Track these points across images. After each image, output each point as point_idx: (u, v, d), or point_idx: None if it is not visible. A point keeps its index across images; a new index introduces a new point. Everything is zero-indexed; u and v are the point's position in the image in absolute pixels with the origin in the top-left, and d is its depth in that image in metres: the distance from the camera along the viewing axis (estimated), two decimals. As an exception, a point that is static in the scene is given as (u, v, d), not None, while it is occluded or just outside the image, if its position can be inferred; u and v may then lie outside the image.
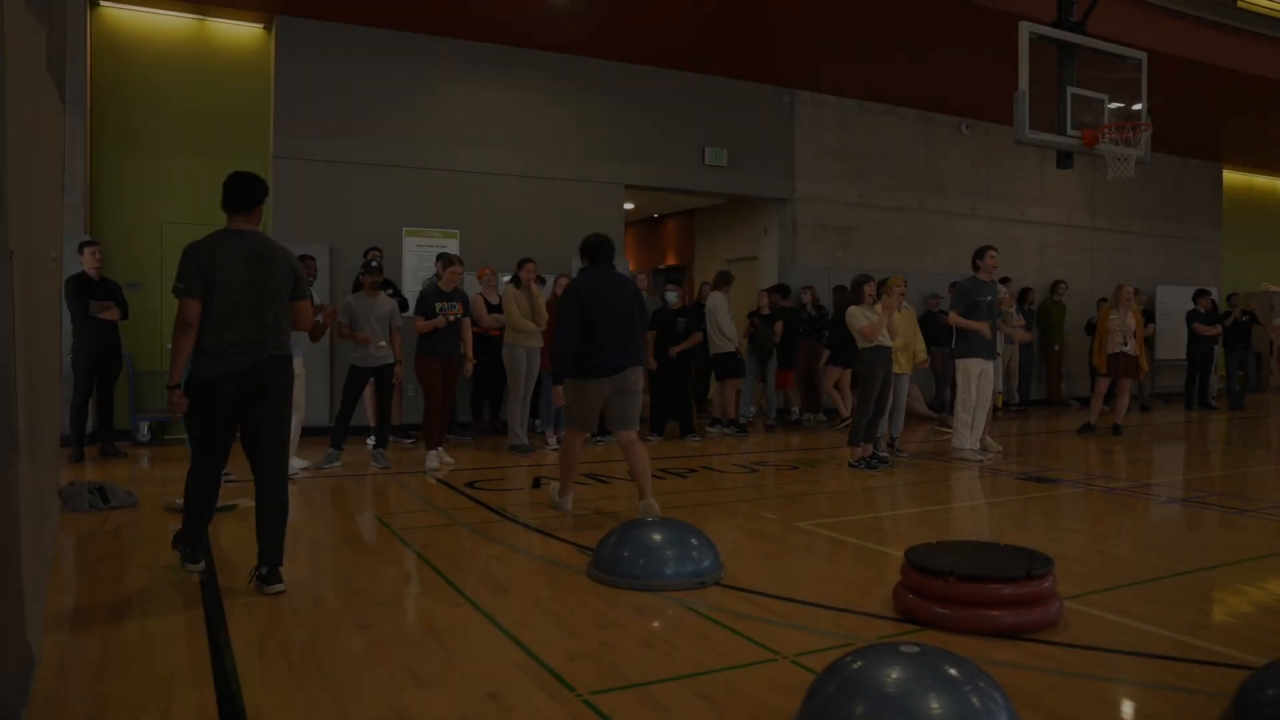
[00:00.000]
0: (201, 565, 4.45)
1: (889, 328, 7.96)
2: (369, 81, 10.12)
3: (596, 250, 6.06)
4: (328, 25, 9.88)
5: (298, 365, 7.46)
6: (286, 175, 9.72)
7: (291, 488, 6.93)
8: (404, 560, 4.97)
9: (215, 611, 3.90)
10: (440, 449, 7.97)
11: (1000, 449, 9.11)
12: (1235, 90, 12.92)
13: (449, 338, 7.93)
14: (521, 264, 8.95)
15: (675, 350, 9.84)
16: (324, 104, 9.91)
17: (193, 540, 4.43)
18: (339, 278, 9.76)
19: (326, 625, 3.79)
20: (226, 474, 7.03)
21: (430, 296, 7.94)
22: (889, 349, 8.05)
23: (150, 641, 3.54)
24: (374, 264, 8.31)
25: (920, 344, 8.80)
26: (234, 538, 5.32)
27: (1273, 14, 12.99)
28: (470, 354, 8.30)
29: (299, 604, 4.06)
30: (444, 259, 8.12)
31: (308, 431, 8.95)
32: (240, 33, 10.06)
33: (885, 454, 8.36)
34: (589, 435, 6.29)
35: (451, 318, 7.90)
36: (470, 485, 7.06)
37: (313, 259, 8.11)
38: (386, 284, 8.84)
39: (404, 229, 10.28)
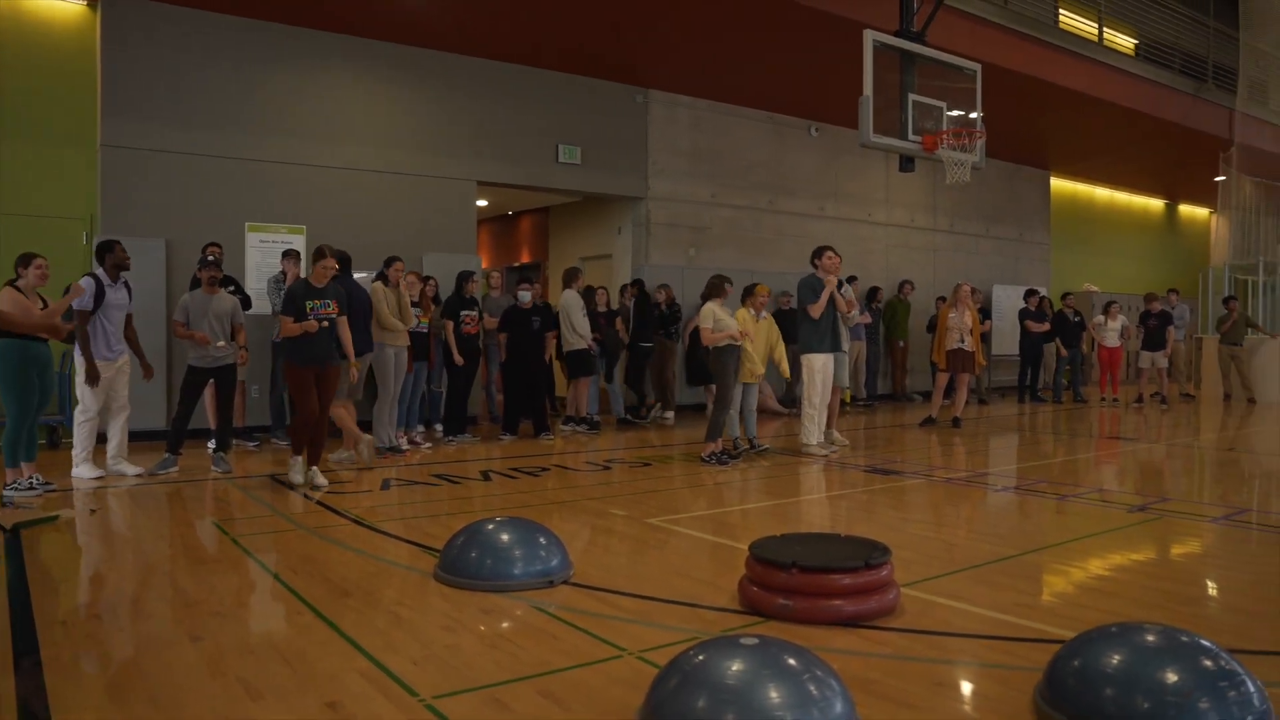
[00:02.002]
0: None
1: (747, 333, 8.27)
2: (208, 69, 9.65)
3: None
4: (159, 7, 9.36)
5: (79, 362, 7.15)
6: (116, 165, 9.19)
7: (120, 494, 6.66)
8: (244, 568, 4.75)
9: (24, 631, 3.63)
10: (315, 467, 7.02)
11: (847, 443, 9.43)
12: (1058, 103, 13.80)
13: (322, 341, 7.00)
14: (389, 262, 8.71)
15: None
16: (157, 91, 9.39)
17: None
18: (176, 274, 9.28)
19: (156, 640, 3.58)
20: (47, 483, 6.63)
21: (299, 295, 6.97)
22: (739, 347, 8.26)
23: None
24: (211, 259, 7.92)
25: (781, 349, 8.90)
26: (52, 551, 4.98)
27: (1088, 36, 13.94)
28: (353, 357, 7.45)
29: (125, 619, 3.83)
30: (317, 252, 7.10)
31: (143, 435, 8.52)
32: (60, 10, 9.42)
33: (743, 449, 8.55)
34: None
35: (325, 321, 6.98)
36: (316, 488, 6.82)
37: (116, 242, 7.35)
38: (228, 280, 8.47)
39: (246, 224, 9.85)
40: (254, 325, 8.94)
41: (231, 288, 8.43)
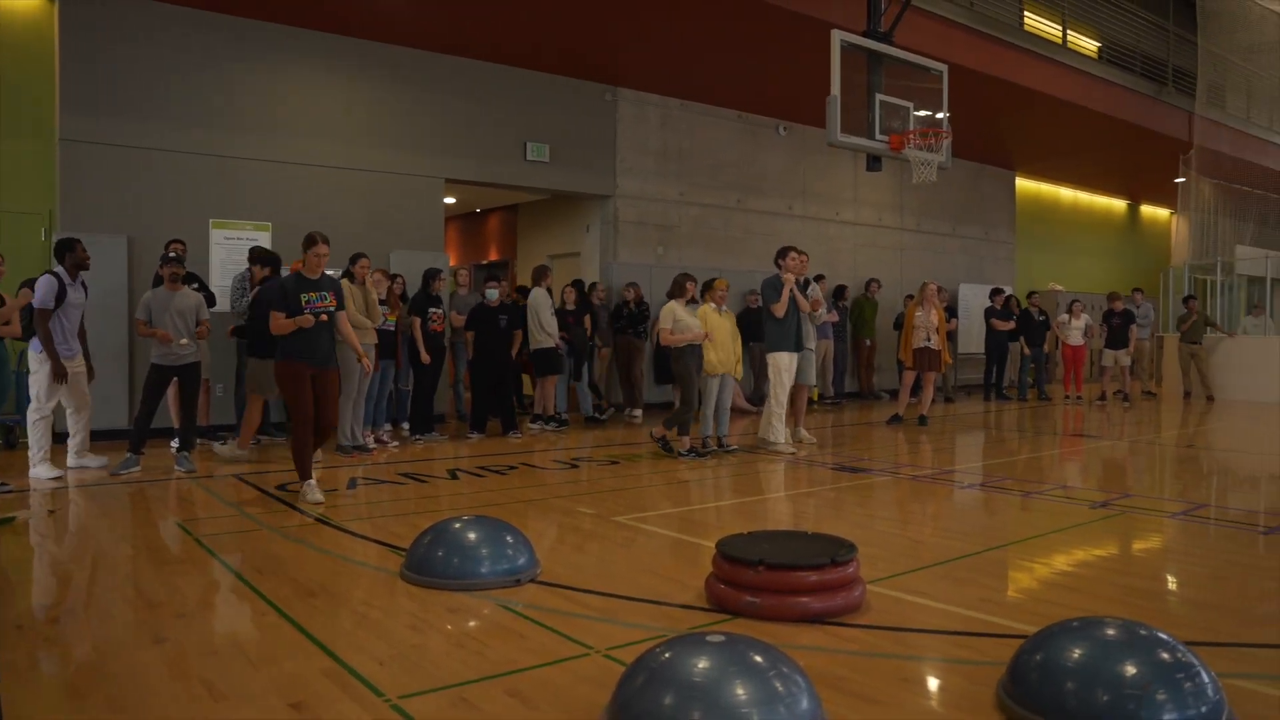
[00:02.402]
0: None
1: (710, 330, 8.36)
2: (172, 62, 9.51)
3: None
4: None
5: (34, 361, 7.08)
6: (76, 159, 9.04)
7: (81, 494, 6.57)
8: (208, 569, 4.69)
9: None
10: (313, 480, 6.32)
11: (814, 440, 9.48)
12: (1023, 104, 13.95)
13: (321, 338, 6.29)
14: (355, 259, 8.64)
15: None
16: (119, 84, 9.24)
17: None
18: (138, 271, 9.15)
19: (117, 642, 3.53)
20: (4, 484, 6.53)
21: (292, 288, 6.25)
22: (699, 347, 8.38)
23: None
24: (173, 255, 7.81)
25: (738, 348, 8.88)
26: (9, 553, 4.90)
27: (1052, 38, 14.12)
28: (360, 350, 6.84)
29: (86, 621, 3.78)
30: (308, 239, 6.36)
31: (105, 435, 8.41)
32: (18, 1, 9.25)
33: (711, 448, 8.58)
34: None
35: (323, 315, 6.26)
36: (281, 488, 6.76)
37: (77, 241, 7.23)
38: (192, 278, 8.36)
39: (211, 220, 9.73)
40: (218, 323, 8.85)
41: (195, 284, 8.34)
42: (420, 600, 4.02)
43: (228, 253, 9.74)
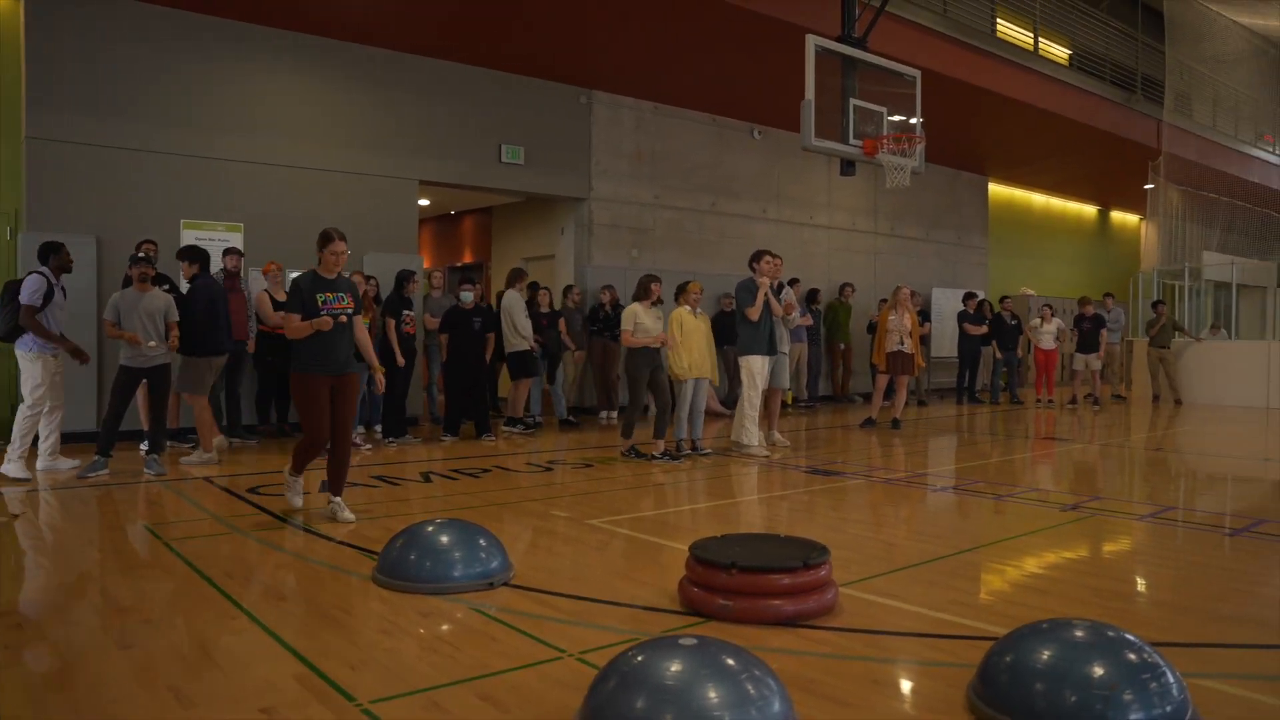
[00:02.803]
0: None
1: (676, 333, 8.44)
2: (142, 60, 9.41)
3: None
4: (91, -4, 9.13)
5: (25, 360, 7.09)
6: (43, 158, 8.93)
7: (48, 497, 6.48)
8: (177, 573, 4.64)
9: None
10: (340, 499, 5.81)
11: (788, 444, 9.52)
12: (996, 110, 14.09)
13: (340, 343, 5.72)
14: None
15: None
16: (88, 82, 9.14)
17: None
18: (108, 272, 9.04)
19: (82, 648, 3.48)
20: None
21: (307, 287, 5.69)
22: (656, 350, 8.45)
23: None
24: (142, 256, 7.72)
25: (714, 351, 8.84)
26: (-24, 556, 4.83)
27: (1024, 46, 14.28)
28: (375, 361, 6.26)
29: (50, 628, 3.73)
30: (324, 236, 5.83)
31: (73, 437, 8.30)
32: (-15, -1, 9.15)
33: (685, 451, 8.59)
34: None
35: (343, 318, 5.72)
36: (253, 490, 6.71)
37: (62, 244, 7.36)
38: (162, 279, 8.28)
39: (182, 221, 9.63)
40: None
41: (166, 286, 8.25)
42: (392, 604, 3.99)
43: (199, 254, 9.64)
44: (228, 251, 9.02)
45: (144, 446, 7.82)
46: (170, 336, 7.57)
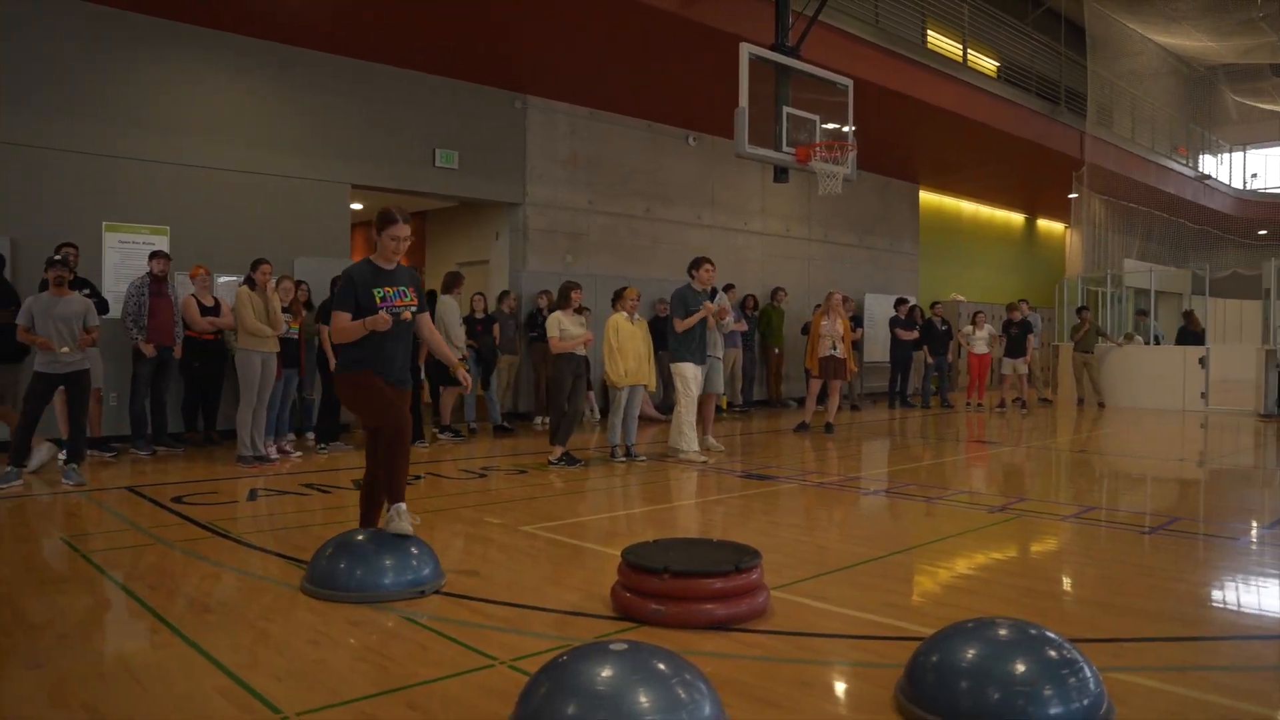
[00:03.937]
0: None
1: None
2: (62, 57, 9.12)
3: None
4: (7, -10, 8.83)
5: None
6: (-43, 158, 8.62)
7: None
8: (96, 587, 4.50)
9: None
10: (403, 503, 4.55)
11: (722, 449, 9.57)
12: (926, 119, 14.37)
13: (399, 347, 4.79)
14: (256, 265, 8.39)
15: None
16: (6, 78, 8.82)
17: None
18: (25, 276, 8.71)
19: (-12, 668, 3.36)
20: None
21: (361, 279, 4.75)
22: (583, 358, 8.51)
23: None
24: (59, 258, 7.45)
25: (651, 357, 8.85)
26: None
27: (953, 57, 14.60)
28: (455, 361, 5.27)
29: (-43, 643, 3.58)
30: (382, 217, 4.81)
31: (-15, 447, 8.02)
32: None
33: (620, 456, 8.60)
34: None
35: (406, 315, 4.75)
36: (177, 500, 6.54)
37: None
38: (83, 283, 8.04)
39: (104, 223, 9.36)
40: (111, 331, 8.53)
41: (86, 290, 8.01)
42: (321, 614, 3.92)
43: (122, 257, 9.39)
44: (154, 255, 8.78)
45: (62, 456, 7.56)
46: (88, 337, 7.29)
